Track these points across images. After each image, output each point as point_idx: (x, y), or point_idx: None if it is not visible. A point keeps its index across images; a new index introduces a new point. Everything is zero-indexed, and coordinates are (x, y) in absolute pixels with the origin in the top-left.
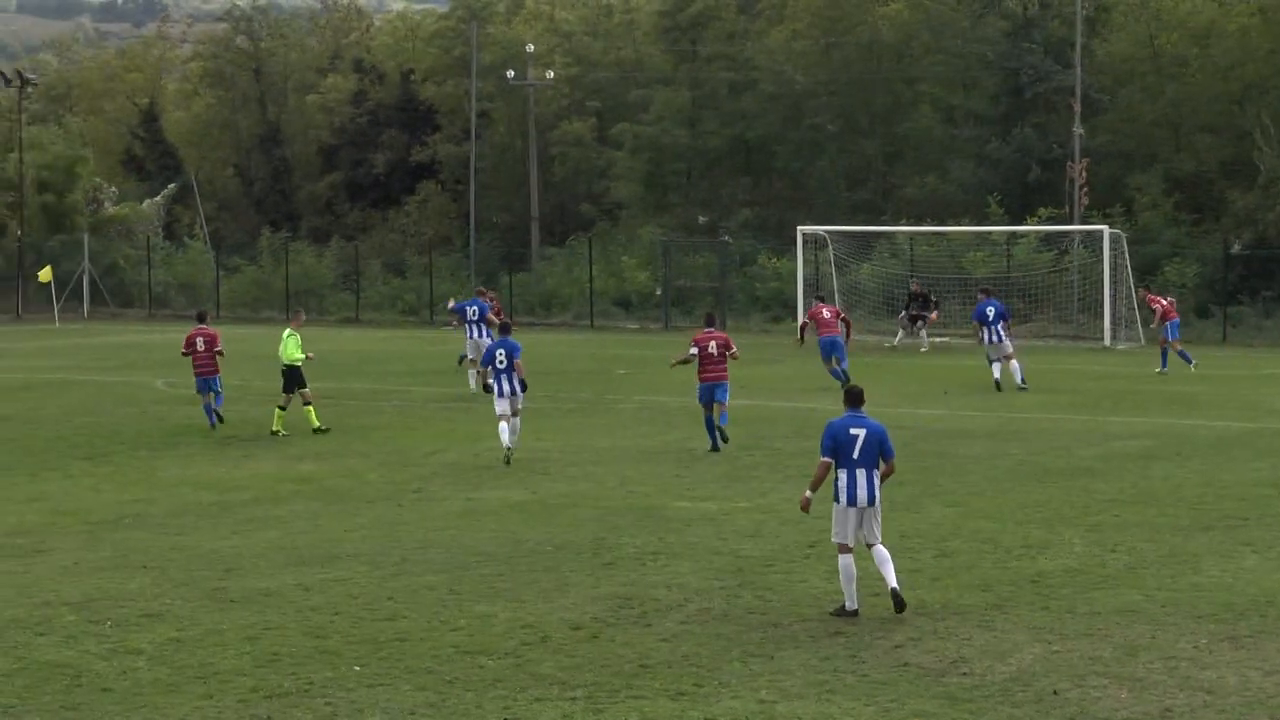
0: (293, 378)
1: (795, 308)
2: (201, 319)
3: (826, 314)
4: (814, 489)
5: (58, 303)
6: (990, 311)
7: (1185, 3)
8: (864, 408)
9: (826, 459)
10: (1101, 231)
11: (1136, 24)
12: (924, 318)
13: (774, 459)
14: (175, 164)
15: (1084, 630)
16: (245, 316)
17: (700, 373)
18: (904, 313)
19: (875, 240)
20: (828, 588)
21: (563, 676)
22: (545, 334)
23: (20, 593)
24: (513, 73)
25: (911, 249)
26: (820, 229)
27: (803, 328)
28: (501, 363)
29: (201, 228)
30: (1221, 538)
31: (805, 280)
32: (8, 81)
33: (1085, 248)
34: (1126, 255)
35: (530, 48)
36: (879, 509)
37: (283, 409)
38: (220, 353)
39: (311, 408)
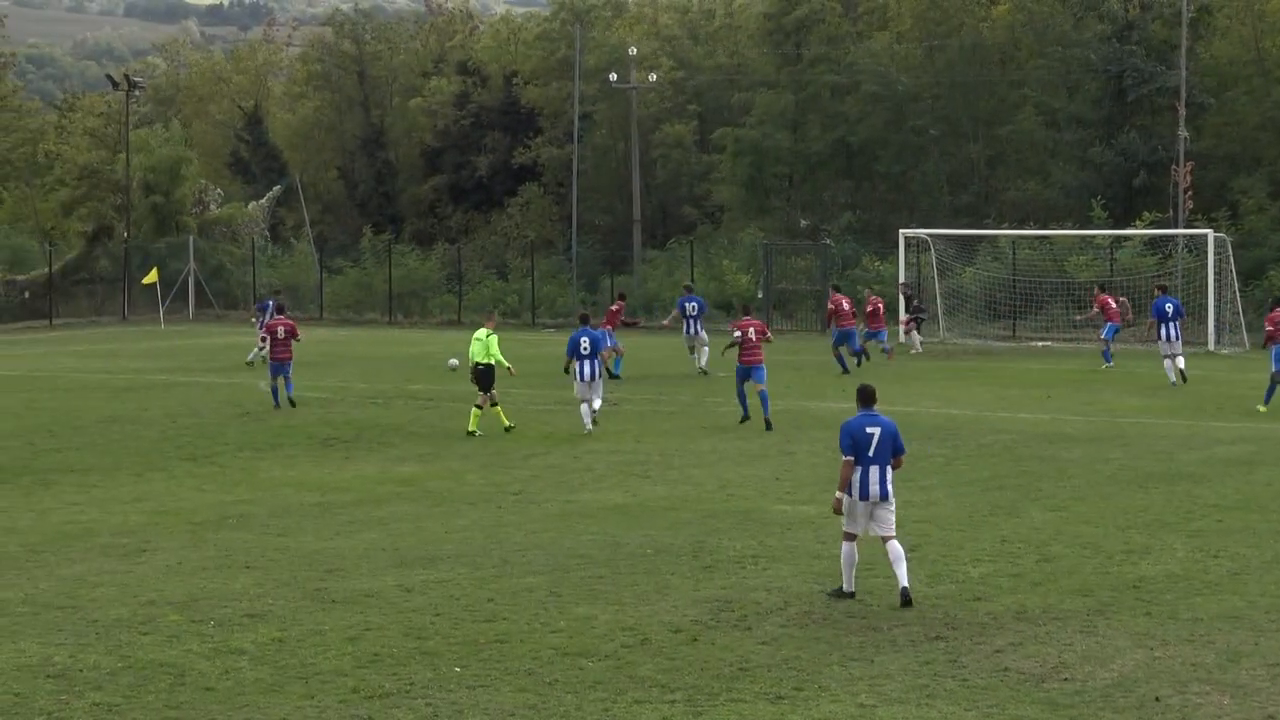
0: (489, 377)
1: (897, 311)
2: (280, 310)
3: (846, 305)
4: (843, 489)
5: (163, 304)
6: (1169, 308)
7: None
8: (876, 406)
9: (849, 458)
10: (1206, 236)
11: (1241, 26)
12: (919, 319)
13: None
14: (280, 166)
15: (1186, 636)
16: (348, 318)
17: (740, 356)
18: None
19: (977, 244)
20: (929, 592)
21: (662, 679)
22: (646, 336)
23: (125, 592)
24: (615, 76)
25: (1014, 252)
26: (922, 232)
27: (829, 316)
28: (585, 349)
29: (306, 229)
30: None
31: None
32: (115, 85)
33: (1189, 252)
34: (1231, 259)
35: (633, 50)
36: (892, 503)
37: (479, 408)
38: (298, 339)
39: (500, 408)
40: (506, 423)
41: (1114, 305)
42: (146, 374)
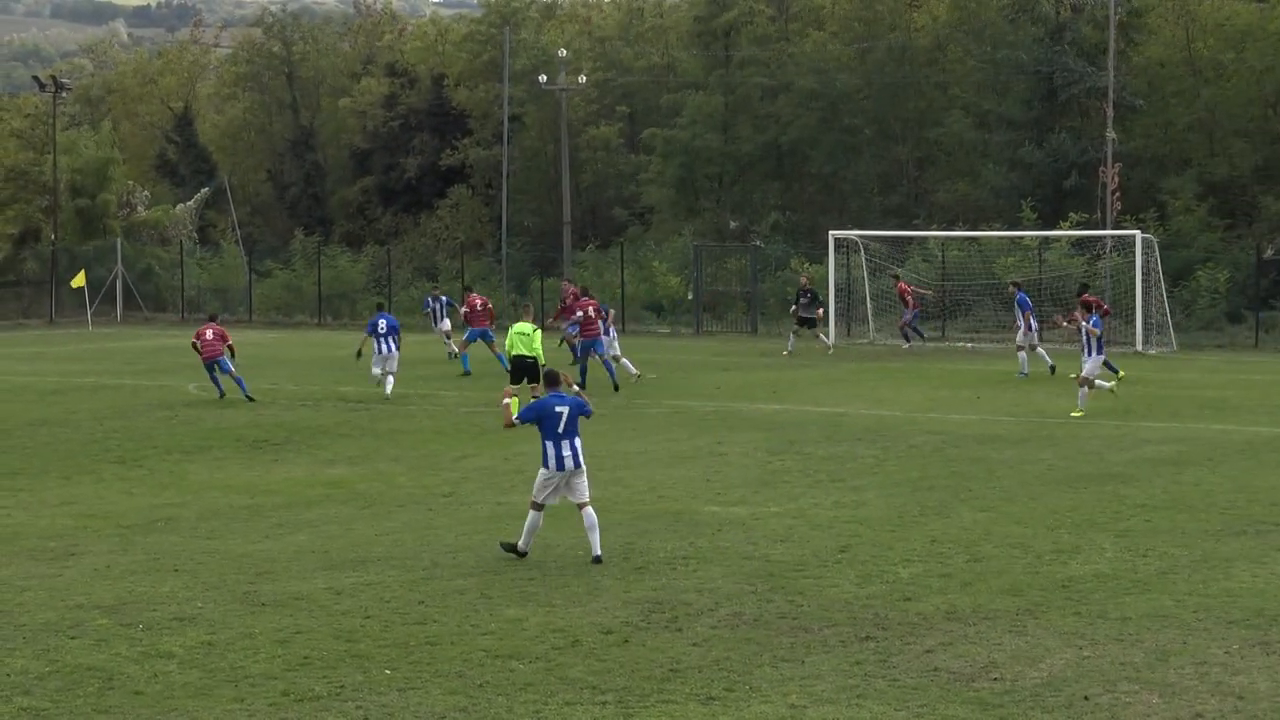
0: (533, 370)
1: (828, 312)
2: (213, 319)
3: (593, 311)
4: (508, 419)
5: (91, 307)
6: (1028, 301)
7: (1224, 7)
8: (561, 387)
9: (518, 425)
10: (1134, 236)
11: (1172, 28)
12: (813, 320)
13: (805, 464)
14: (209, 168)
15: (1115, 635)
16: (277, 320)
17: (583, 331)
18: (794, 308)
19: (907, 245)
20: (859, 593)
21: (593, 681)
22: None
23: (53, 596)
24: (545, 77)
25: (943, 254)
26: (852, 233)
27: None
28: (383, 329)
29: (234, 232)
30: (1253, 543)
31: (837, 285)
32: (42, 87)
33: (1117, 253)
34: (1159, 260)
35: (563, 52)
36: (584, 470)
37: (517, 398)
38: (230, 345)
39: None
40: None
41: (909, 294)
42: (74, 377)
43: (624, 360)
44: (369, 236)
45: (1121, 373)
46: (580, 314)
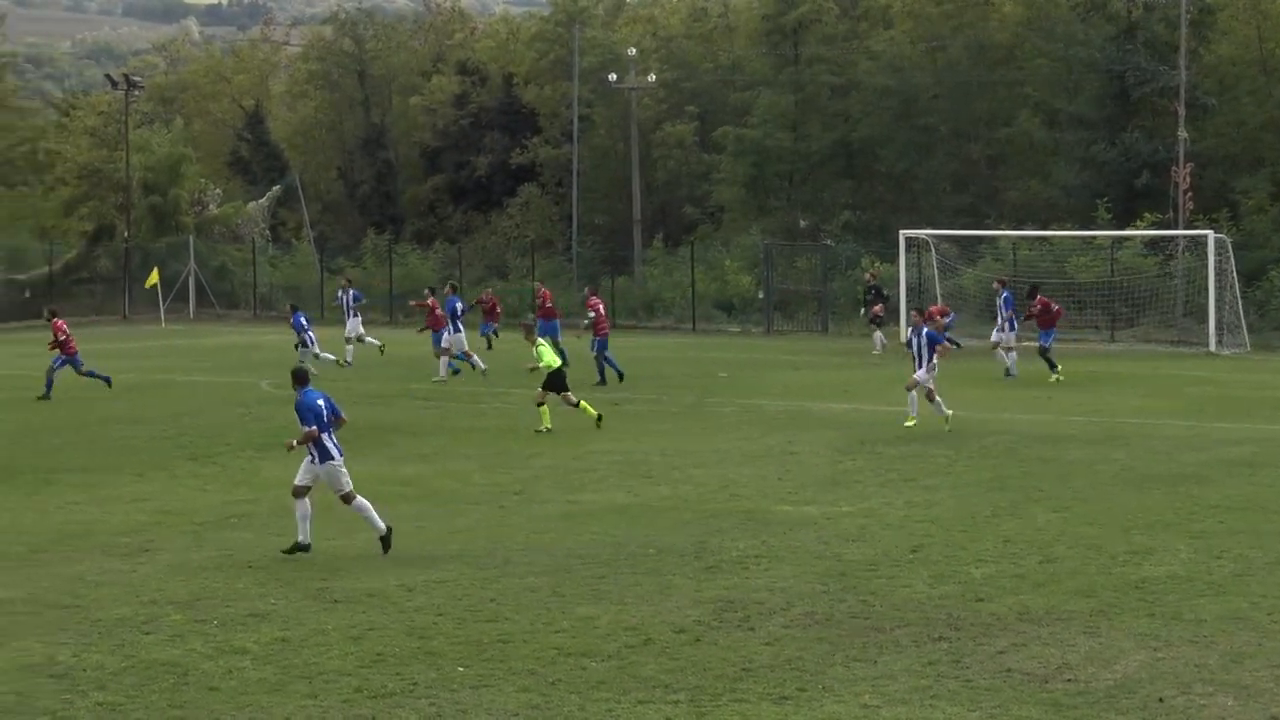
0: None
1: (899, 311)
2: (54, 315)
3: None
4: (302, 444)
5: (164, 304)
6: (1012, 300)
7: None
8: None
9: (314, 428)
10: (1207, 236)
11: (1245, 26)
12: (880, 318)
13: (877, 463)
14: (280, 166)
15: (1189, 637)
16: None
17: (597, 330)
18: (863, 311)
19: (978, 244)
20: (932, 593)
21: (666, 679)
22: (647, 337)
23: (128, 591)
24: (614, 76)
25: (1015, 253)
26: (923, 232)
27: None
28: (305, 325)
29: (306, 230)
30: None
31: (908, 284)
32: (115, 85)
33: (1190, 253)
34: (1232, 260)
35: (632, 51)
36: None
37: (575, 404)
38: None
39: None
40: (548, 425)
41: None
42: (147, 373)
43: (446, 359)
44: (440, 234)
45: (1060, 375)
46: (593, 314)
